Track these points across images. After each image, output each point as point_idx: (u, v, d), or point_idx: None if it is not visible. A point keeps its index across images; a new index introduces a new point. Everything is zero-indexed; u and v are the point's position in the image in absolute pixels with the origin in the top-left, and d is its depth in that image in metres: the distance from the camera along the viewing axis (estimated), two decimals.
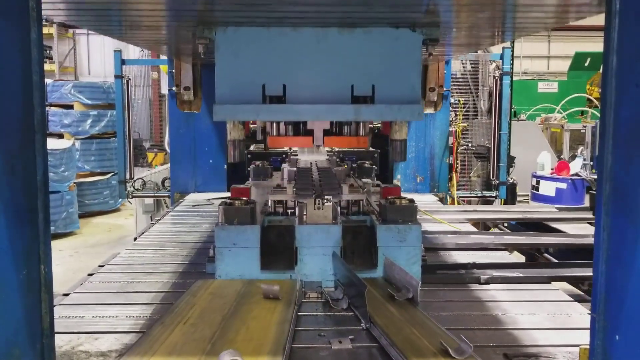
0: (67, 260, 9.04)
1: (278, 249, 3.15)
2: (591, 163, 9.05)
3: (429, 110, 6.36)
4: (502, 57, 6.85)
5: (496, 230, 5.28)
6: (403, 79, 2.87)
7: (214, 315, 2.48)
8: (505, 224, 5.28)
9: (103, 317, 2.64)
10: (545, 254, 4.24)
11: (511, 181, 7.27)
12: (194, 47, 2.98)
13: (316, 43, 2.83)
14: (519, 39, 5.02)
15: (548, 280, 3.19)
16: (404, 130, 3.10)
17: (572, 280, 3.44)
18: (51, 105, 12.21)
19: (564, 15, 2.69)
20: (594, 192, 5.56)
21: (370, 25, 2.81)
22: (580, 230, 4.53)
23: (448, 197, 6.60)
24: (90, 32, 21.67)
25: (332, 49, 2.84)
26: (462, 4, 2.32)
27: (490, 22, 2.89)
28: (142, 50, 21.19)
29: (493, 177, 7.03)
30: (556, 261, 4.04)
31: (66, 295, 2.96)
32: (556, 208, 5.72)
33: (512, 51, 7.22)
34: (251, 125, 4.60)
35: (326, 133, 3.32)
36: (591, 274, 1.67)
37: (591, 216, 4.94)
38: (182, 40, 3.54)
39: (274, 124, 3.30)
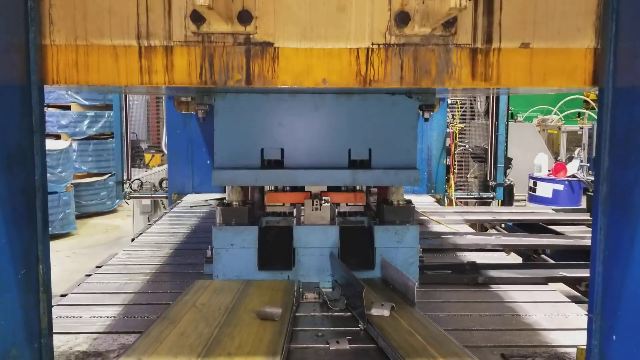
0: (64, 261, 9.01)
1: (276, 250, 3.15)
2: (588, 165, 9.08)
3: None
4: None
5: (493, 231, 5.29)
6: (399, 143, 2.92)
7: (211, 315, 2.48)
8: (503, 225, 5.29)
9: (100, 317, 2.64)
10: (543, 255, 4.25)
11: (508, 182, 7.29)
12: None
13: (314, 108, 2.89)
14: None
15: (545, 281, 3.20)
16: (401, 191, 3.15)
17: (569, 281, 3.45)
18: (48, 106, 12.14)
19: (553, 91, 2.75)
20: (592, 194, 5.56)
21: (367, 93, 2.85)
22: (577, 232, 4.54)
23: (445, 199, 6.60)
24: None
25: (329, 113, 2.90)
26: (457, 88, 2.36)
27: (484, 92, 2.93)
28: None
29: (490, 178, 7.05)
30: (553, 262, 4.05)
31: (64, 295, 2.96)
32: (553, 209, 5.73)
33: None
34: None
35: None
36: (588, 275, 1.68)
37: (588, 217, 4.95)
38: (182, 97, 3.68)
39: None
